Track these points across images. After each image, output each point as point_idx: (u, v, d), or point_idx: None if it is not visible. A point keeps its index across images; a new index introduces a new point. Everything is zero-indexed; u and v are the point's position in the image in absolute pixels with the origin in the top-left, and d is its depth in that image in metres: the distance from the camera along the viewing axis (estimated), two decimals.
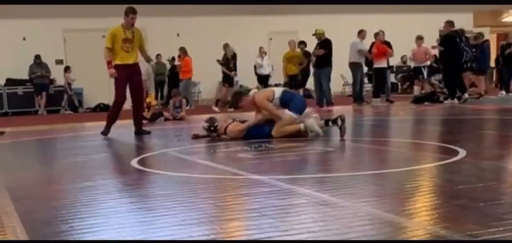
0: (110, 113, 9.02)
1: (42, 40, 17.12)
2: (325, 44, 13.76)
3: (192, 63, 16.52)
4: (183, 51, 16.48)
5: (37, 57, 16.93)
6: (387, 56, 14.84)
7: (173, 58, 17.37)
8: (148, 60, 9.54)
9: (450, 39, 13.66)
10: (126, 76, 8.57)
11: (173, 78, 17.43)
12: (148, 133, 9.02)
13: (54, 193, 4.70)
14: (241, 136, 7.70)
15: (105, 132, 8.75)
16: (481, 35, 16.41)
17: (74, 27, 17.28)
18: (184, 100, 13.48)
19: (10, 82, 17.26)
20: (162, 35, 17.94)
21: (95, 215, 3.68)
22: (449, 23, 13.91)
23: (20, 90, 17.18)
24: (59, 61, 17.78)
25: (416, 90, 15.60)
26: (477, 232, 2.85)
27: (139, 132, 8.93)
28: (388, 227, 3.11)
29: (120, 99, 8.71)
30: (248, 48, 18.17)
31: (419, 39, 15.18)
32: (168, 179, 5.09)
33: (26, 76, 17.07)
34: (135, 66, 8.73)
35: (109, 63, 8.54)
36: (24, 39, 17.38)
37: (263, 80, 18.31)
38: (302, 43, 16.18)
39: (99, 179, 5.19)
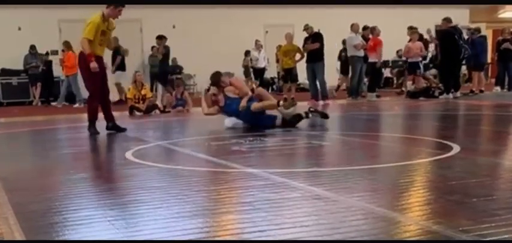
0: (93, 110, 8.19)
1: (37, 30, 17.05)
2: (317, 37, 13.73)
3: (76, 59, 15.78)
4: (66, 45, 15.55)
5: (32, 47, 16.86)
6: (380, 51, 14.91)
7: (47, 53, 16.36)
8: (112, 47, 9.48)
9: (448, 35, 13.69)
10: (101, 70, 8.10)
11: (47, 75, 16.48)
12: (124, 130, 8.39)
13: (48, 184, 4.70)
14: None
15: (94, 131, 8.12)
16: (476, 30, 16.42)
17: (70, 17, 17.18)
18: (187, 93, 13.35)
19: (5, 72, 17.21)
20: (158, 26, 17.85)
21: (89, 207, 3.68)
22: (447, 20, 13.97)
23: (14, 81, 17.12)
24: (54, 52, 17.70)
25: (409, 84, 15.64)
26: (470, 228, 2.86)
27: (115, 128, 8.33)
28: (381, 221, 3.12)
29: (99, 94, 8.16)
30: (244, 41, 18.16)
31: (414, 33, 15.21)
32: (162, 171, 5.09)
33: (20, 67, 17.01)
34: (102, 59, 8.33)
35: (91, 56, 7.87)
36: (19, 29, 17.32)
37: (258, 73, 18.31)
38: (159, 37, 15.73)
39: (93, 171, 5.19)
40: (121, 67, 16.30)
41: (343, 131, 8.45)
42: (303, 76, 15.29)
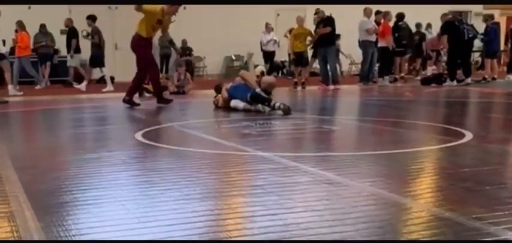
0: (157, 83, 9.67)
1: (47, 9, 17.01)
2: (329, 22, 13.59)
3: (30, 39, 15.15)
4: (19, 25, 14.97)
5: (42, 26, 16.78)
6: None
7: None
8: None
9: (449, 25, 14.09)
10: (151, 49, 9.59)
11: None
12: (138, 104, 9.49)
13: (58, 163, 4.71)
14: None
15: (165, 101, 9.60)
16: (490, 16, 16.32)
17: None
18: (188, 74, 13.36)
19: (14, 51, 17.16)
20: None
21: (98, 187, 3.68)
22: (445, 14, 15.18)
23: None
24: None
25: (429, 70, 15.77)
26: (483, 215, 2.83)
27: (131, 102, 9.34)
28: (392, 207, 3.10)
29: (156, 66, 9.92)
30: (255, 24, 18.08)
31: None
32: (172, 153, 5.08)
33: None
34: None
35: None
36: (29, 7, 17.28)
37: (268, 57, 18.24)
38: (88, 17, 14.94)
39: (103, 151, 5.18)
40: (78, 50, 15.74)
41: (354, 117, 8.41)
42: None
